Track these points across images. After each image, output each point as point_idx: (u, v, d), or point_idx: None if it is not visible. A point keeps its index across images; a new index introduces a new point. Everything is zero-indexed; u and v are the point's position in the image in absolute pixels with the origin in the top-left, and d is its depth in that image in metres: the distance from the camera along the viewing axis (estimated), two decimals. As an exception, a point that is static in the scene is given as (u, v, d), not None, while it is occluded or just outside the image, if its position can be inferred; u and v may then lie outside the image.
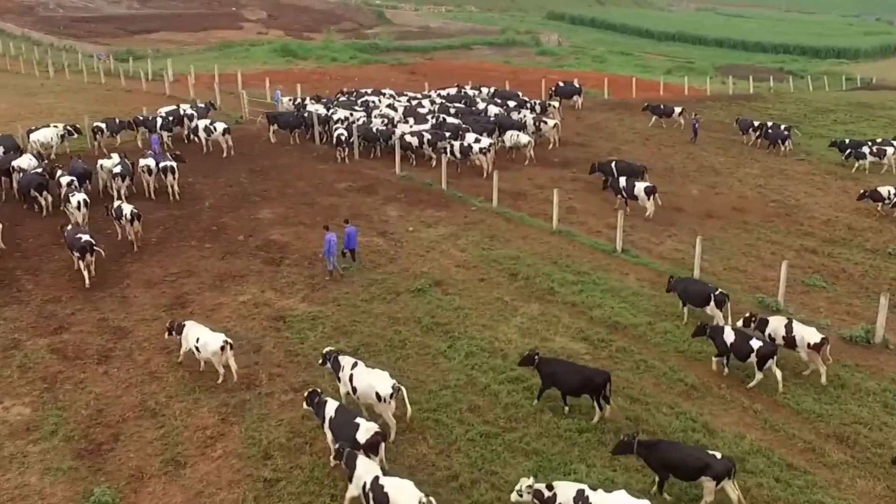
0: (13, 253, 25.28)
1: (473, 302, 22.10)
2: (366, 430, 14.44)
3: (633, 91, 56.76)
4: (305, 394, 15.86)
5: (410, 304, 21.92)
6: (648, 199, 29.23)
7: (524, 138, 36.39)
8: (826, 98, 58.96)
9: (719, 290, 21.04)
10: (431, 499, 12.83)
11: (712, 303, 20.64)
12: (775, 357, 18.07)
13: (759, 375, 18.12)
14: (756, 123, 42.37)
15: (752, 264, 25.53)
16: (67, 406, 17.13)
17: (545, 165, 36.09)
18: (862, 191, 31.36)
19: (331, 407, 15.18)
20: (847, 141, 38.77)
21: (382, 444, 14.58)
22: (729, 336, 18.59)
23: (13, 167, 30.38)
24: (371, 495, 13.09)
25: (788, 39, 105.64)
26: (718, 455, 14.26)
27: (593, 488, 13.06)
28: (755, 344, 18.15)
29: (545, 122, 39.23)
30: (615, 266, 24.78)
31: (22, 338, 19.98)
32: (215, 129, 36.30)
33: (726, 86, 63.50)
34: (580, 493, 12.91)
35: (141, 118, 37.86)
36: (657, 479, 14.56)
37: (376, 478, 13.18)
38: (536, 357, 17.52)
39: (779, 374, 18.02)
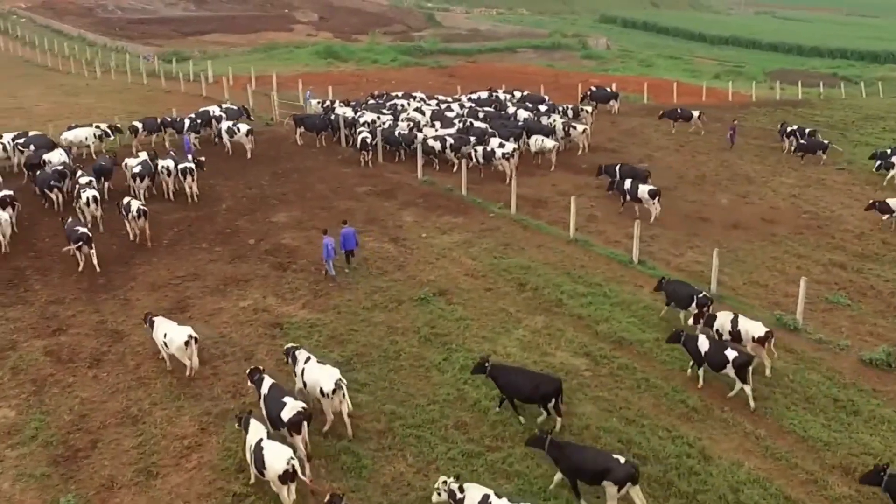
0: (27, 252, 25.49)
1: (476, 312, 21.50)
2: (290, 408, 14.80)
3: (674, 96, 55.25)
4: (248, 371, 16.38)
5: (412, 313, 21.41)
6: (653, 201, 28.61)
7: (549, 143, 35.63)
8: (878, 105, 56.58)
9: (703, 293, 20.57)
10: (296, 463, 13.50)
11: (694, 304, 20.20)
12: (751, 366, 17.38)
13: (749, 392, 17.27)
14: (789, 129, 40.70)
15: (774, 279, 24.35)
16: (52, 410, 17.04)
17: (572, 171, 35.27)
18: (871, 201, 29.89)
19: (266, 385, 15.71)
20: (889, 151, 36.94)
21: (305, 424, 14.77)
22: (703, 344, 17.81)
23: (44, 161, 30.86)
24: (252, 456, 14.00)
25: (846, 44, 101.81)
26: (622, 459, 13.86)
27: (498, 495, 13.02)
28: (731, 354, 17.34)
29: (574, 128, 38.36)
30: (629, 278, 23.91)
31: (20, 339, 20.04)
32: (238, 130, 36.30)
33: (774, 91, 61.55)
34: (485, 497, 12.98)
35: (169, 119, 38.10)
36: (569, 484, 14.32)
37: (260, 440, 14.04)
38: (487, 365, 16.94)
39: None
